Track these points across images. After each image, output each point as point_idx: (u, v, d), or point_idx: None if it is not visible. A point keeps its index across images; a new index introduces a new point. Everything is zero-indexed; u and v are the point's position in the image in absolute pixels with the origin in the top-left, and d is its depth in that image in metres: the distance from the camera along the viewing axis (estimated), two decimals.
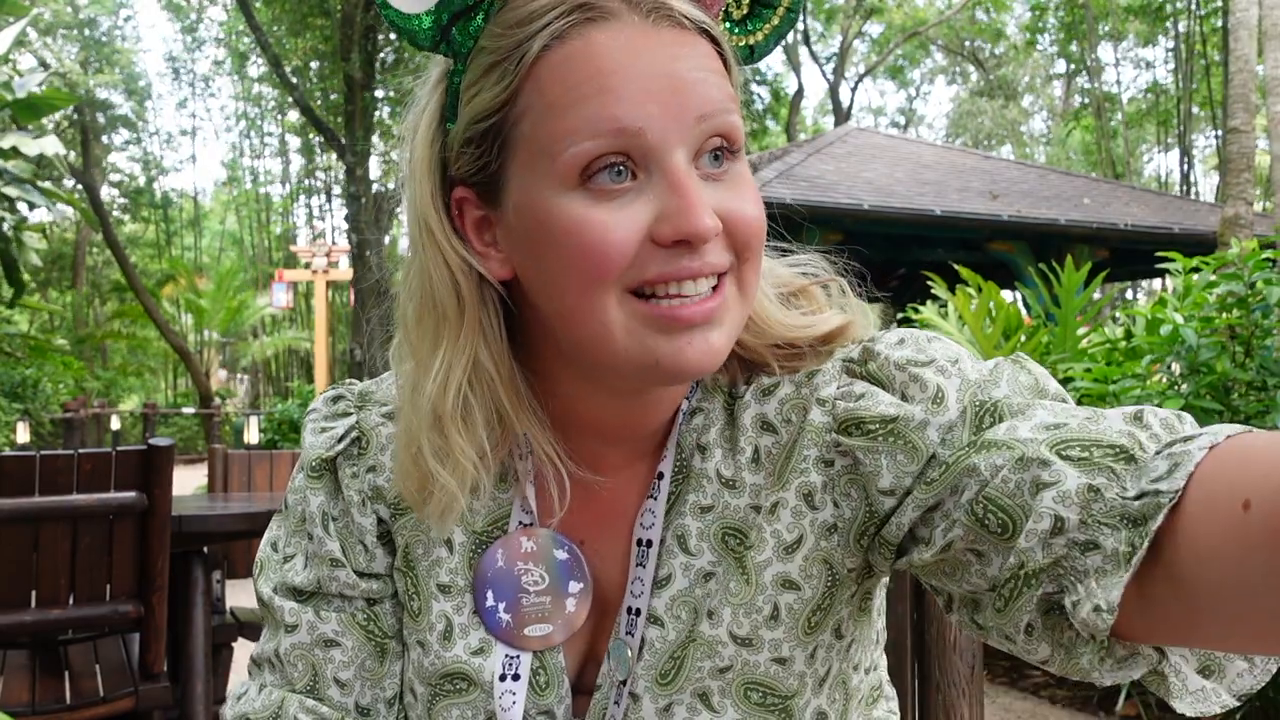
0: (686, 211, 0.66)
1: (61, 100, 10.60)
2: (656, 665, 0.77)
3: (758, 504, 0.77)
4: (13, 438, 11.76)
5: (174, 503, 2.62)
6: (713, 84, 0.68)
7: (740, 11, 0.76)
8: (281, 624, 0.82)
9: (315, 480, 0.84)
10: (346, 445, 0.84)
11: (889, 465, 0.71)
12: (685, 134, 0.67)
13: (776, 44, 0.78)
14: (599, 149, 0.66)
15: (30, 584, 2.46)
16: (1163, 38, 25.42)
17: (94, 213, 17.29)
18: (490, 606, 0.80)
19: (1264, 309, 3.26)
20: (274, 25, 16.33)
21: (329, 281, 19.20)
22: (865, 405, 0.73)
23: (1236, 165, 8.79)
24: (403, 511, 0.83)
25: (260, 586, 0.84)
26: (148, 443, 2.53)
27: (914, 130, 37.06)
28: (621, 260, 0.67)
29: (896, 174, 12.07)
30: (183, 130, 42.77)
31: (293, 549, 0.84)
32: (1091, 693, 3.95)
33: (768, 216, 0.76)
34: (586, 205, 0.67)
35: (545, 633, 0.80)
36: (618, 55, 0.66)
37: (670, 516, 0.79)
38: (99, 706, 2.51)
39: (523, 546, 0.80)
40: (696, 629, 0.76)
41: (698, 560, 0.78)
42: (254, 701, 0.81)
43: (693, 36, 0.69)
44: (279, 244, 30.80)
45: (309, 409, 0.87)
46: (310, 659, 0.81)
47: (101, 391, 20.44)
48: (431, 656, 0.80)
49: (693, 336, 0.68)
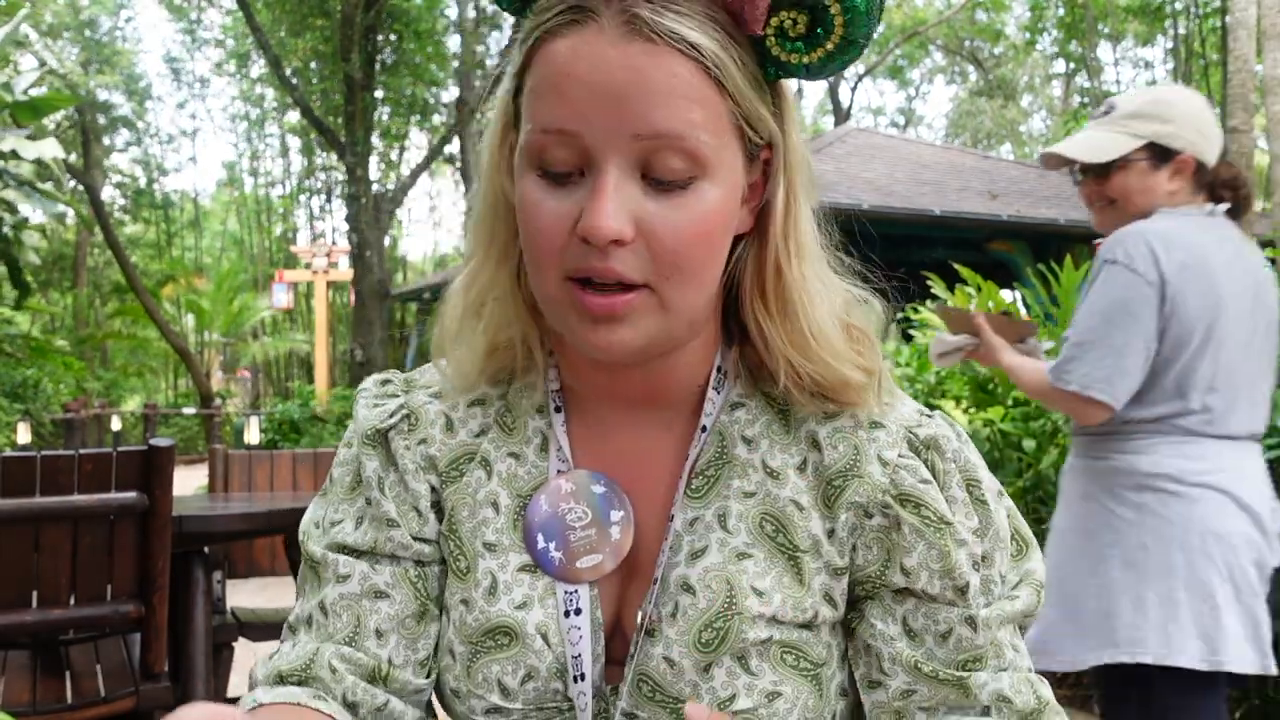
0: (590, 212, 0.72)
1: (62, 101, 10.62)
2: (690, 631, 0.79)
3: (799, 502, 0.82)
4: (13, 438, 11.76)
5: (175, 503, 2.61)
6: (667, 107, 0.71)
7: (797, 30, 0.76)
8: (333, 577, 0.85)
9: (370, 448, 0.88)
10: (398, 420, 0.89)
11: (923, 551, 0.80)
12: (620, 145, 0.71)
13: (840, 68, 0.78)
14: (544, 142, 0.73)
15: (31, 584, 2.46)
16: (1161, 37, 25.45)
17: (95, 214, 17.29)
18: (543, 549, 0.84)
19: None
20: (274, 26, 16.32)
21: (329, 282, 19.21)
22: (928, 494, 0.81)
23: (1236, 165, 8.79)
24: (452, 479, 0.87)
25: (310, 547, 0.87)
26: (148, 443, 2.54)
27: (913, 130, 37.06)
28: (551, 248, 0.74)
29: (896, 174, 12.08)
30: (183, 131, 42.75)
31: (340, 515, 0.88)
32: (1091, 692, 3.95)
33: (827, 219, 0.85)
34: (537, 187, 0.75)
35: (596, 562, 0.84)
36: (576, 61, 0.71)
37: (711, 497, 0.83)
38: (100, 706, 2.51)
39: (562, 489, 0.85)
40: (741, 602, 0.79)
41: (734, 539, 0.82)
42: (286, 656, 0.83)
43: (666, 54, 0.71)
44: (279, 244, 30.81)
45: (359, 389, 0.93)
46: (356, 610, 0.84)
47: (102, 392, 20.44)
48: (476, 612, 0.83)
49: (598, 325, 0.75)
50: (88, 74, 24.27)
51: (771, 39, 0.76)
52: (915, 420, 0.84)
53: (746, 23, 0.74)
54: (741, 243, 0.82)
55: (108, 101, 26.87)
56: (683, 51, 0.71)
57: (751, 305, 0.82)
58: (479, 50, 19.61)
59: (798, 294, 0.80)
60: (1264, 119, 10.34)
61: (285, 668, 0.82)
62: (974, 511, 0.82)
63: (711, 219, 0.75)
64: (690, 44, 0.71)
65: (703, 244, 0.75)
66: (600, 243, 0.71)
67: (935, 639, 0.81)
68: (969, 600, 0.80)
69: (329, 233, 28.51)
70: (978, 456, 0.85)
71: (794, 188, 0.81)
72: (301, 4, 15.44)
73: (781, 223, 0.80)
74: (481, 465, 0.87)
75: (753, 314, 0.82)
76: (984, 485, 0.83)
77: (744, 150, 0.77)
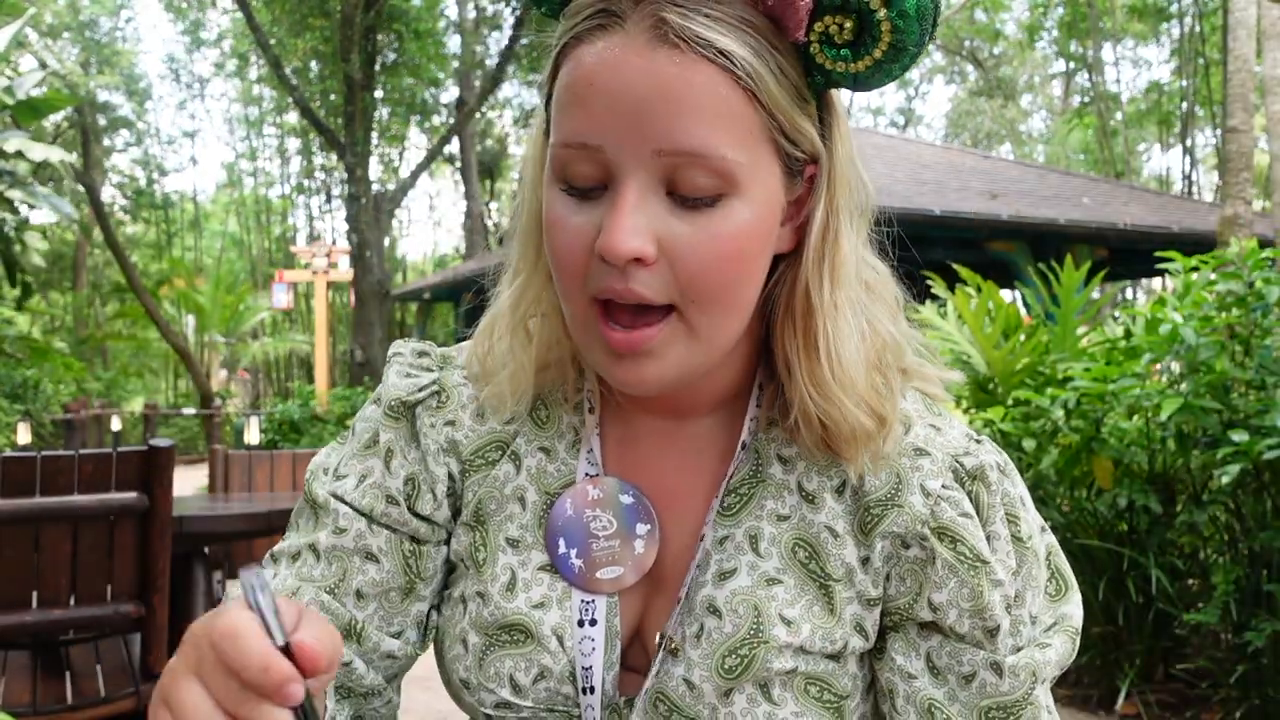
0: (607, 230, 0.68)
1: (62, 101, 10.59)
2: (714, 655, 0.77)
3: (834, 529, 0.79)
4: (13, 439, 11.75)
5: (175, 503, 2.62)
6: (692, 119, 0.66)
7: (844, 37, 0.70)
8: (331, 525, 0.83)
9: (392, 420, 0.86)
10: (428, 396, 0.86)
11: (954, 589, 0.77)
12: (642, 160, 0.68)
13: (889, 78, 0.72)
14: (567, 156, 0.70)
15: (31, 585, 2.47)
16: (1164, 36, 25.43)
17: (95, 214, 17.28)
18: (563, 554, 0.82)
19: (1263, 308, 3.26)
20: (274, 26, 16.32)
21: (329, 282, 19.18)
22: (966, 529, 0.77)
23: (1235, 165, 8.78)
24: (476, 468, 0.85)
25: (315, 489, 0.85)
26: (148, 444, 2.54)
27: (913, 130, 37.04)
28: (574, 266, 0.71)
29: (896, 174, 12.07)
30: (184, 132, 42.73)
31: (347, 470, 0.86)
32: (1091, 692, 3.95)
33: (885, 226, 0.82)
34: (561, 203, 0.72)
35: (617, 575, 0.81)
36: (601, 70, 0.67)
37: (743, 516, 0.81)
38: (100, 707, 2.52)
39: (589, 494, 0.83)
40: (768, 630, 0.77)
41: (764, 563, 0.79)
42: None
43: (694, 63, 0.66)
44: (279, 245, 30.80)
45: (392, 352, 0.90)
46: (345, 564, 0.83)
47: (102, 392, 20.43)
48: (491, 607, 0.81)
49: (621, 361, 0.72)
50: (88, 74, 24.26)
51: (816, 46, 0.70)
52: (962, 448, 0.80)
53: (787, 29, 0.69)
54: (783, 262, 0.77)
55: (108, 102, 26.86)
56: (712, 60, 0.66)
57: (781, 330, 0.77)
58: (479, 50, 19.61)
59: (825, 322, 0.75)
60: (1264, 118, 10.34)
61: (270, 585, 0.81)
62: (1013, 549, 0.79)
63: (741, 239, 0.70)
64: (720, 51, 0.66)
65: (731, 266, 0.70)
66: (618, 262, 0.68)
67: (959, 680, 0.77)
68: (997, 644, 0.77)
69: (329, 233, 28.50)
70: (1023, 489, 0.82)
71: (836, 207, 0.75)
72: (301, 4, 15.42)
73: (817, 243, 0.75)
74: (511, 459, 0.85)
75: (781, 339, 0.78)
76: (1023, 523, 0.80)
77: (783, 165, 0.72)
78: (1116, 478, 3.77)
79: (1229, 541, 3.60)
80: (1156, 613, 3.76)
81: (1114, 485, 3.74)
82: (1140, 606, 3.82)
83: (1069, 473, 3.91)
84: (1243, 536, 3.44)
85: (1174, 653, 3.95)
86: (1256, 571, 3.33)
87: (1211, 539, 3.77)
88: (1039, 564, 0.80)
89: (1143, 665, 3.83)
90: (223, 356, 25.41)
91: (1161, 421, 3.55)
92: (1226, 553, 3.61)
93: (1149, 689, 3.82)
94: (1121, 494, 3.68)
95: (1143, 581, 3.77)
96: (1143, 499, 3.60)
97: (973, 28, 30.81)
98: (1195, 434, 3.53)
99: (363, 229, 13.88)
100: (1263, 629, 3.12)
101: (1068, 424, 3.85)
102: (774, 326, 0.78)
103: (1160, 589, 3.67)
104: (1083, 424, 3.82)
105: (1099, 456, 3.76)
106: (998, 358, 4.34)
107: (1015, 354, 4.33)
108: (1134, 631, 3.84)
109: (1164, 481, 3.77)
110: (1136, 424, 3.82)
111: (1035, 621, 0.80)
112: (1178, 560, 3.80)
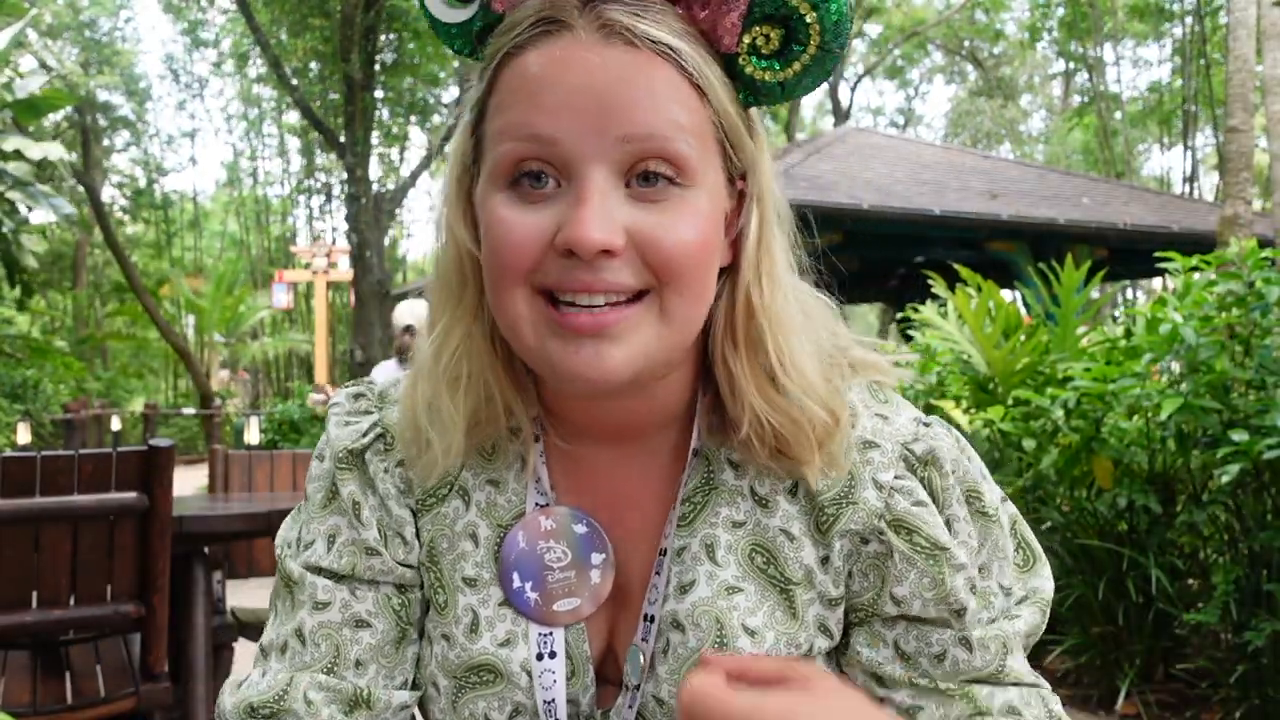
0: (574, 222, 0.67)
1: (62, 100, 10.60)
2: (680, 670, 0.77)
3: (790, 531, 0.79)
4: (13, 439, 11.76)
5: (175, 503, 2.61)
6: (651, 108, 0.68)
7: (770, 47, 0.73)
8: (309, 601, 0.82)
9: (345, 471, 0.84)
10: (373, 440, 0.84)
11: (914, 580, 0.77)
12: (605, 150, 0.68)
13: (813, 84, 0.74)
14: (518, 152, 0.69)
15: (31, 585, 2.46)
16: (1164, 37, 25.41)
17: (95, 214, 17.28)
18: (518, 588, 0.81)
19: (1263, 308, 3.26)
20: (274, 26, 16.32)
21: (329, 282, 19.20)
22: (921, 518, 0.77)
23: (1235, 164, 8.78)
24: (428, 507, 0.84)
25: (287, 565, 0.84)
26: (148, 444, 2.54)
27: (913, 130, 37.04)
28: (521, 261, 0.69)
29: (896, 174, 12.07)
30: (183, 132, 42.77)
31: (312, 535, 0.84)
32: (1091, 692, 3.95)
33: (803, 221, 0.80)
34: (507, 205, 0.70)
35: (574, 606, 0.81)
36: (551, 67, 0.68)
37: (697, 525, 0.80)
38: (100, 707, 2.51)
39: (542, 525, 0.82)
40: (733, 643, 0.76)
41: (723, 572, 0.79)
42: (257, 685, 0.80)
43: (647, 58, 0.68)
44: (279, 245, 30.79)
45: (331, 403, 0.89)
46: (336, 639, 0.81)
47: (102, 392, 20.43)
48: (458, 649, 0.80)
49: (582, 345, 0.69)
50: (87, 74, 24.24)
51: (745, 56, 0.73)
52: (911, 434, 0.79)
53: (720, 40, 0.72)
54: (722, 277, 0.77)
55: (108, 102, 26.85)
56: (663, 56, 0.68)
57: (722, 345, 0.77)
58: None
59: (769, 324, 0.75)
60: (1264, 118, 10.34)
61: (256, 699, 0.78)
62: (974, 526, 0.79)
63: (703, 225, 0.71)
64: (670, 48, 0.68)
65: (699, 251, 0.71)
66: (588, 254, 0.67)
67: (930, 660, 0.78)
68: (965, 623, 0.77)
69: (329, 233, 28.50)
70: (979, 465, 0.82)
71: (766, 219, 0.77)
72: (301, 4, 15.43)
73: (753, 252, 0.76)
74: (459, 494, 0.83)
75: (721, 355, 0.77)
76: (985, 496, 0.80)
77: (725, 172, 0.74)
78: (1116, 478, 3.77)
79: (1229, 541, 3.60)
80: (1156, 613, 3.76)
81: (1114, 485, 3.74)
82: (1140, 606, 3.82)
83: (1069, 473, 3.91)
84: (1243, 536, 3.44)
85: (1174, 653, 3.95)
86: (1256, 571, 3.33)
87: (1211, 539, 3.77)
88: (1005, 534, 0.81)
89: (1143, 665, 3.83)
90: (222, 357, 25.40)
91: (1161, 421, 3.55)
92: (1226, 553, 3.61)
93: (1149, 689, 3.82)
94: (1121, 494, 3.68)
95: (1143, 581, 3.76)
96: (1143, 499, 3.59)
97: (973, 28, 30.79)
98: (1195, 434, 3.53)
99: (363, 229, 13.88)
100: (1263, 629, 3.12)
101: (1068, 424, 3.85)
102: (714, 344, 0.77)
103: (1160, 589, 3.66)
104: (1083, 424, 3.82)
105: (1099, 456, 3.76)
106: (998, 358, 4.34)
107: (1015, 354, 4.33)
108: (1134, 631, 3.84)
109: (1164, 481, 3.77)
110: (1136, 424, 3.82)
111: (1008, 593, 0.81)
112: (1178, 560, 3.79)
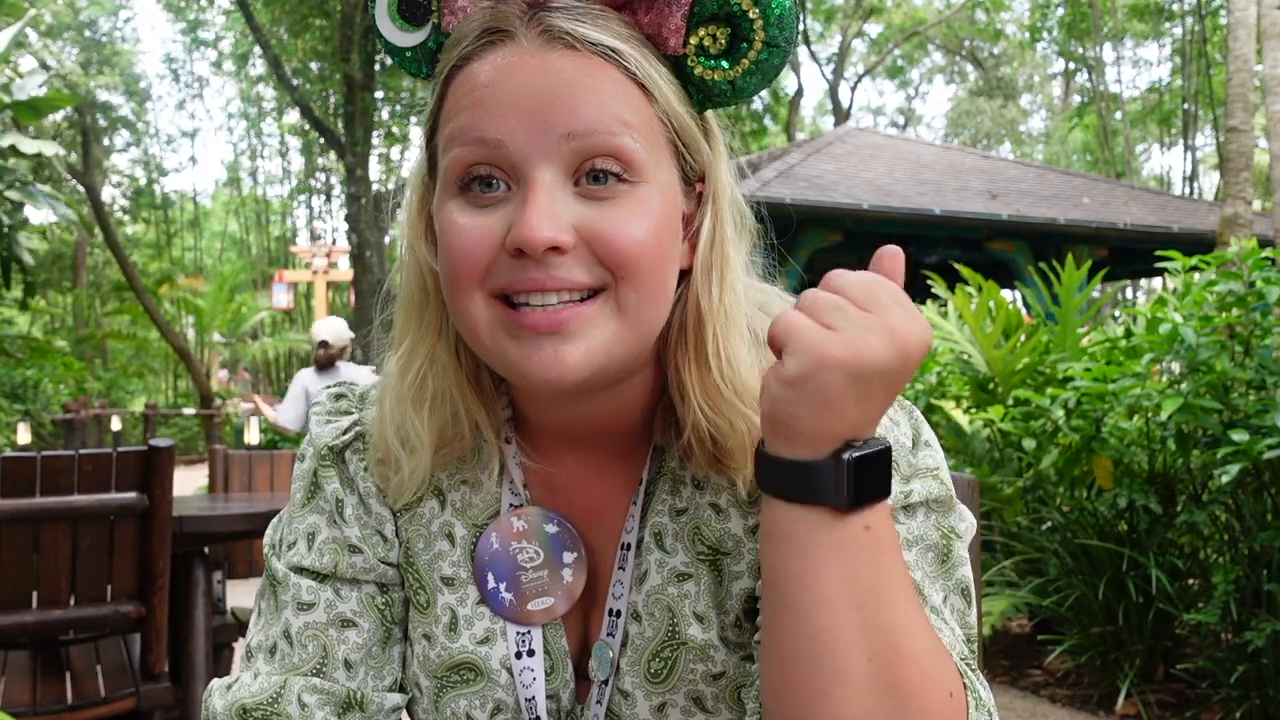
0: (521, 221, 0.68)
1: (62, 101, 10.59)
2: (640, 661, 0.78)
3: (718, 504, 0.80)
4: (14, 439, 11.75)
5: (175, 503, 2.61)
6: (594, 105, 0.69)
7: (718, 46, 0.74)
8: (293, 602, 0.82)
9: (327, 467, 0.85)
10: (352, 439, 0.86)
11: None
12: (550, 149, 0.69)
13: (764, 82, 0.74)
14: (467, 157, 0.70)
15: (31, 585, 2.46)
16: (1165, 36, 25.42)
17: (95, 214, 17.28)
18: (492, 589, 0.82)
19: (1263, 308, 3.26)
20: (274, 26, 16.32)
21: (329, 282, 19.21)
22: None
23: (1235, 164, 8.78)
24: (406, 507, 0.85)
25: (274, 564, 0.84)
26: (148, 444, 2.54)
27: (913, 130, 37.06)
28: (474, 264, 0.70)
29: (896, 174, 12.07)
30: (183, 132, 42.81)
31: (294, 534, 0.85)
32: (1091, 692, 3.95)
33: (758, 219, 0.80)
34: (459, 211, 0.71)
35: (548, 605, 0.82)
36: (494, 73, 0.70)
37: (648, 516, 0.81)
38: (100, 707, 2.51)
39: (514, 526, 0.83)
40: (684, 631, 0.78)
41: (672, 559, 0.80)
42: (249, 687, 0.80)
43: (590, 60, 0.69)
44: (279, 245, 30.80)
45: (314, 403, 0.90)
46: (323, 639, 0.81)
47: (102, 392, 20.43)
48: (438, 648, 0.81)
49: (540, 344, 0.70)
50: (87, 74, 24.25)
51: (693, 58, 0.73)
52: None
53: (666, 42, 0.72)
54: (683, 283, 0.77)
55: (107, 102, 26.86)
56: (605, 58, 0.69)
57: (675, 348, 0.77)
58: None
59: (715, 326, 0.75)
60: (1264, 118, 10.34)
61: (249, 701, 0.79)
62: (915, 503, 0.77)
63: (655, 222, 0.71)
64: (612, 50, 0.69)
65: (651, 246, 0.71)
66: (536, 251, 0.68)
67: None
68: None
69: (329, 233, 28.51)
70: (907, 429, 0.79)
71: (721, 219, 0.77)
72: (301, 4, 15.43)
73: (705, 253, 0.76)
74: (435, 494, 0.84)
75: (674, 357, 0.77)
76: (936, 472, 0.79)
77: (680, 174, 0.75)
78: (1116, 478, 3.77)
79: (1229, 541, 3.59)
80: (1156, 613, 3.76)
81: (1114, 485, 3.74)
82: (1140, 606, 3.82)
83: (1069, 473, 3.91)
84: (1243, 536, 3.44)
85: (1174, 653, 3.95)
86: (1256, 571, 3.33)
87: (1211, 539, 3.77)
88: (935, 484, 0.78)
89: (1143, 665, 3.83)
90: (223, 357, 25.41)
91: (1161, 421, 3.55)
92: (1226, 553, 3.61)
93: (1149, 689, 3.82)
94: (1121, 494, 3.68)
95: (1143, 581, 3.76)
96: (1143, 499, 3.59)
97: (973, 28, 30.80)
98: (1195, 434, 3.53)
99: (363, 229, 13.89)
100: (1263, 629, 3.12)
101: (1068, 424, 3.85)
102: (669, 347, 0.78)
103: (1160, 589, 3.66)
104: (1083, 424, 3.82)
105: (1099, 456, 3.76)
106: (998, 357, 4.34)
107: (1015, 354, 4.33)
108: (1134, 631, 3.84)
109: (1164, 481, 3.77)
110: (1136, 424, 3.82)
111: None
112: (1178, 560, 3.79)
